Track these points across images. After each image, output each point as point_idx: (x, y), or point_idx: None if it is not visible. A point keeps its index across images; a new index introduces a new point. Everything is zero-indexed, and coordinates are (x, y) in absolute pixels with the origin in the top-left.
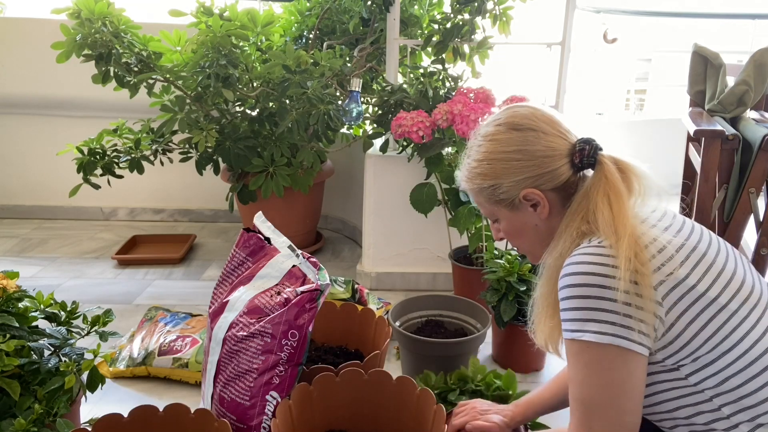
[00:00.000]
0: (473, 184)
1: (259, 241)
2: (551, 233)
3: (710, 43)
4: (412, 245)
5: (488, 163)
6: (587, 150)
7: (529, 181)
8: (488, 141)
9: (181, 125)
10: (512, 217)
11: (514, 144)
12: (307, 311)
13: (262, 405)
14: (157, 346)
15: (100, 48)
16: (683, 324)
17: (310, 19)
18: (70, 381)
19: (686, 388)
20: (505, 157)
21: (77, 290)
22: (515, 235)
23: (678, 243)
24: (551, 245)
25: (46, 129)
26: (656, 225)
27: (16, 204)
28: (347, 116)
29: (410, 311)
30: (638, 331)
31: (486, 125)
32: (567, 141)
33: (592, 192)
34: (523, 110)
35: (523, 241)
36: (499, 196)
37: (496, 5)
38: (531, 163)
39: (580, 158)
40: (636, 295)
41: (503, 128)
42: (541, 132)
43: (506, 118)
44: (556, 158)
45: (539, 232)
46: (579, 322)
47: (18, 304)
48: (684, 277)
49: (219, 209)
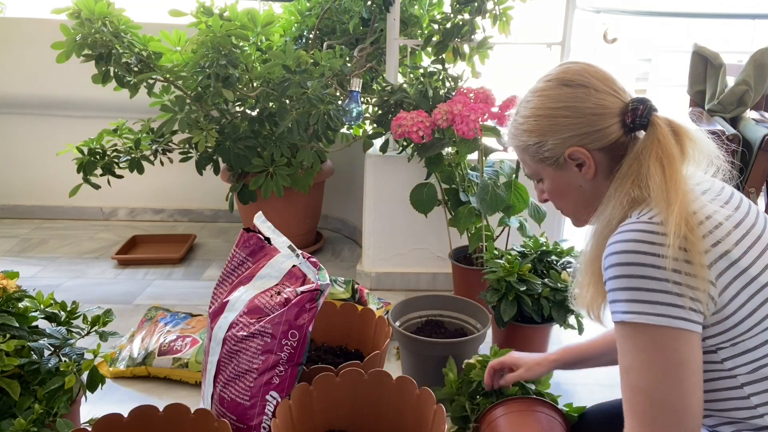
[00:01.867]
0: (519, 141)
1: (259, 241)
2: (597, 195)
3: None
4: (412, 245)
5: (535, 119)
6: (641, 110)
7: (576, 140)
8: (537, 96)
9: (181, 125)
10: (556, 177)
11: (563, 100)
12: (307, 311)
13: (262, 405)
14: (157, 346)
15: (100, 48)
16: (734, 307)
17: (310, 19)
18: (70, 381)
19: (720, 371)
20: (553, 113)
21: (77, 290)
22: (559, 195)
23: (736, 219)
24: (600, 209)
25: (46, 129)
26: (713, 197)
27: (16, 204)
28: (347, 116)
29: (410, 311)
30: (690, 308)
31: (537, 81)
32: (620, 99)
33: (643, 154)
34: (575, 66)
35: (566, 202)
36: (543, 154)
37: (496, 5)
38: (579, 121)
39: (632, 118)
40: (686, 262)
41: (553, 83)
42: (592, 89)
43: (558, 73)
44: (607, 117)
45: (584, 193)
46: (629, 303)
47: (18, 304)
48: (738, 257)
49: (219, 209)
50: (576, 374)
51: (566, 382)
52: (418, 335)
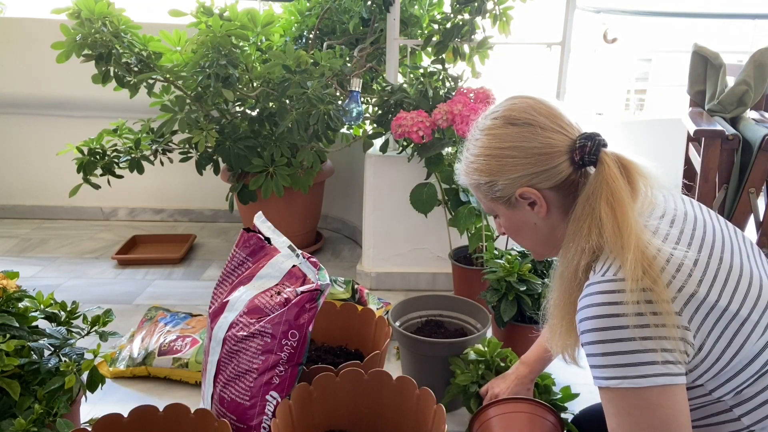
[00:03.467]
0: (470, 179)
1: (259, 241)
2: (553, 232)
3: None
4: (412, 245)
5: (484, 159)
6: (588, 147)
7: (525, 179)
8: (485, 135)
9: (181, 125)
10: (510, 215)
11: (509, 140)
12: (307, 311)
13: (262, 405)
14: (157, 346)
15: (100, 48)
16: (711, 342)
17: (310, 19)
18: (70, 381)
19: (709, 400)
20: (500, 153)
21: (77, 290)
22: (515, 232)
23: (693, 256)
24: (561, 251)
25: (46, 129)
26: (668, 235)
27: (16, 204)
28: (347, 116)
29: (410, 311)
30: (667, 361)
31: (484, 117)
32: (567, 136)
33: (593, 197)
34: (521, 103)
35: (523, 238)
36: (495, 194)
37: (496, 5)
38: (527, 161)
39: (580, 155)
40: (653, 314)
41: (500, 122)
42: (538, 127)
43: (503, 110)
44: (555, 156)
45: (539, 230)
46: (608, 368)
47: (18, 304)
48: (705, 294)
49: (219, 209)
50: (575, 374)
51: (565, 382)
52: (418, 335)
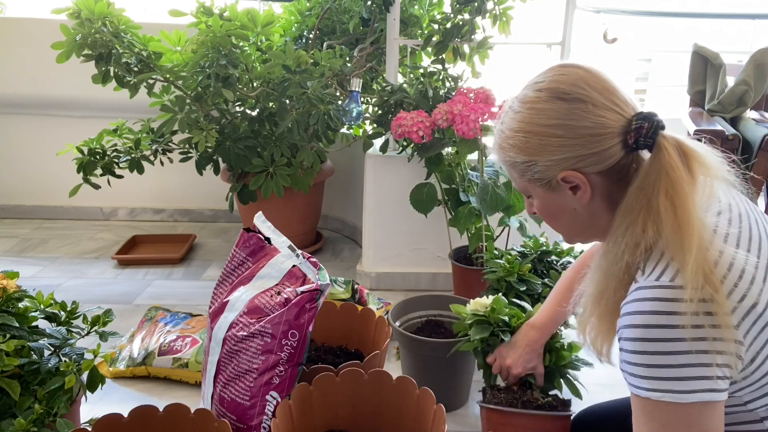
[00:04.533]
0: (505, 156)
1: (259, 241)
2: (593, 219)
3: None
4: (412, 245)
5: (524, 135)
6: (646, 128)
7: (570, 162)
8: (526, 109)
9: (181, 125)
10: (547, 198)
11: (556, 117)
12: (308, 311)
13: (262, 405)
14: (157, 346)
15: (100, 48)
16: (761, 359)
17: (310, 19)
18: (70, 381)
19: (742, 410)
20: (544, 131)
21: (77, 290)
22: (549, 216)
23: (753, 262)
24: (608, 246)
25: (46, 129)
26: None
27: (16, 204)
28: (347, 116)
29: (410, 311)
30: (718, 377)
31: (526, 87)
32: (622, 116)
33: (650, 187)
34: (572, 74)
35: (558, 223)
36: (533, 175)
37: (496, 5)
38: (574, 142)
39: (635, 138)
40: (712, 327)
41: (545, 95)
42: (591, 104)
43: (550, 82)
44: (606, 137)
45: (578, 217)
46: (651, 380)
47: (18, 304)
48: (763, 309)
49: (219, 209)
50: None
51: None
52: (418, 335)
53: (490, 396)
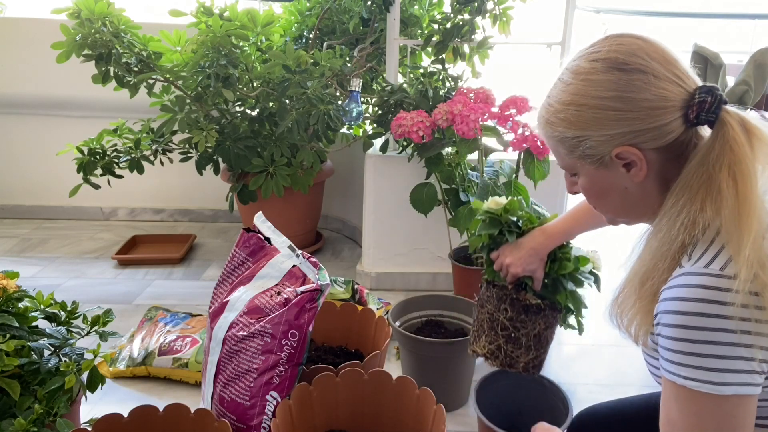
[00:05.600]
0: (552, 130)
1: (259, 241)
2: (644, 199)
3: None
4: (412, 245)
5: (576, 108)
6: (708, 103)
7: (627, 137)
8: (580, 80)
9: (181, 125)
10: (597, 176)
11: (615, 89)
12: (308, 311)
13: (262, 405)
14: (157, 346)
15: (100, 48)
16: None
17: (310, 19)
18: (70, 381)
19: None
20: (600, 104)
21: (77, 290)
22: (597, 195)
23: None
24: (663, 224)
25: (46, 129)
26: None
27: (16, 204)
28: (347, 116)
29: (410, 311)
30: (757, 371)
31: (579, 57)
32: (684, 89)
33: (711, 164)
34: (630, 44)
35: (605, 203)
36: (584, 150)
37: (496, 5)
38: (633, 116)
39: (697, 113)
40: (757, 308)
41: (601, 65)
42: (652, 75)
43: (607, 51)
44: (667, 111)
45: (628, 196)
46: (689, 368)
47: (18, 304)
48: None
49: (219, 209)
50: (576, 374)
51: (566, 382)
52: (418, 335)
53: (483, 289)
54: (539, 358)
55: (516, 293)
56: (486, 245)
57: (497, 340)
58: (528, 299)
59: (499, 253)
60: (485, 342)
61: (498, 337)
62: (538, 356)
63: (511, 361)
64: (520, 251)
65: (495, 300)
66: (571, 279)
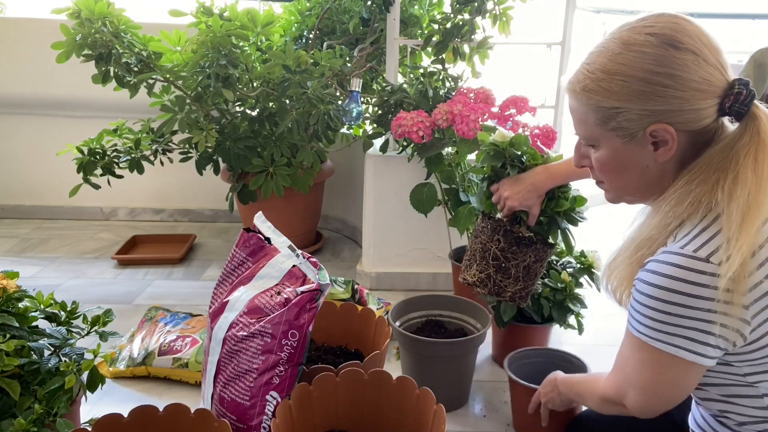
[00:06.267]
0: (589, 98)
1: (259, 241)
2: (660, 178)
3: None
4: (412, 245)
5: (623, 79)
6: (744, 95)
7: (667, 115)
8: (631, 51)
9: (181, 125)
10: (622, 151)
11: (668, 65)
12: (308, 311)
13: (262, 405)
14: (157, 346)
15: (100, 48)
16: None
17: (310, 19)
18: (70, 381)
19: (740, 381)
20: (650, 78)
21: (77, 290)
22: (614, 170)
23: None
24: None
25: (46, 129)
26: None
27: (16, 204)
28: (347, 116)
29: (410, 311)
30: (711, 345)
31: (628, 29)
32: (725, 77)
33: (741, 150)
34: (682, 24)
35: (619, 179)
36: (618, 122)
37: (496, 5)
38: (679, 94)
39: (731, 103)
40: (725, 303)
41: (656, 40)
42: (702, 58)
43: (662, 27)
44: (708, 96)
45: (647, 175)
46: (652, 328)
47: (18, 304)
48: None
49: (219, 209)
50: None
51: None
52: (418, 335)
53: (479, 220)
54: (527, 289)
55: (510, 225)
56: (487, 177)
57: (487, 269)
58: (521, 232)
59: (499, 186)
60: (476, 270)
61: (488, 267)
62: (525, 287)
63: (499, 289)
64: (520, 185)
65: (489, 231)
66: (566, 217)
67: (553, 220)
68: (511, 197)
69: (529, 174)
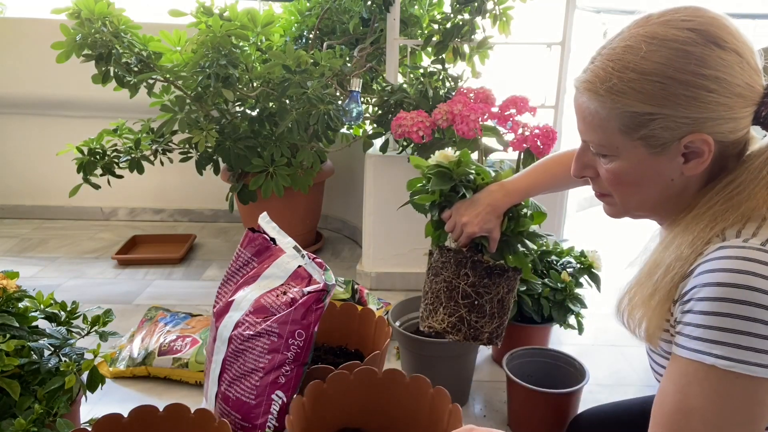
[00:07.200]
0: (615, 101)
1: (264, 242)
2: (682, 193)
3: None
4: (412, 245)
5: (662, 80)
6: None
7: (707, 125)
8: (669, 49)
9: (181, 125)
10: (647, 162)
11: (714, 66)
12: (314, 311)
13: (267, 404)
14: (157, 346)
15: (100, 48)
16: None
17: (310, 19)
18: (70, 381)
19: None
20: (694, 80)
21: (77, 290)
22: (629, 183)
23: None
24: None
25: (46, 129)
26: None
27: (16, 204)
28: (347, 116)
29: (410, 311)
30: None
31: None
32: (762, 82)
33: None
34: (725, 20)
35: (634, 192)
36: (651, 131)
37: (496, 5)
38: (723, 101)
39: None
40: None
41: (699, 37)
42: (746, 61)
43: (702, 23)
44: (749, 103)
45: (669, 188)
46: (723, 346)
47: (18, 304)
48: None
49: (219, 209)
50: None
51: None
52: (418, 335)
53: (436, 255)
54: (501, 326)
55: (475, 255)
56: (437, 203)
57: (459, 310)
58: (488, 261)
59: (453, 212)
60: (443, 315)
61: (459, 307)
62: (501, 324)
63: (475, 332)
64: (477, 208)
65: (453, 266)
66: (529, 237)
67: (513, 242)
68: (470, 222)
69: (483, 194)
